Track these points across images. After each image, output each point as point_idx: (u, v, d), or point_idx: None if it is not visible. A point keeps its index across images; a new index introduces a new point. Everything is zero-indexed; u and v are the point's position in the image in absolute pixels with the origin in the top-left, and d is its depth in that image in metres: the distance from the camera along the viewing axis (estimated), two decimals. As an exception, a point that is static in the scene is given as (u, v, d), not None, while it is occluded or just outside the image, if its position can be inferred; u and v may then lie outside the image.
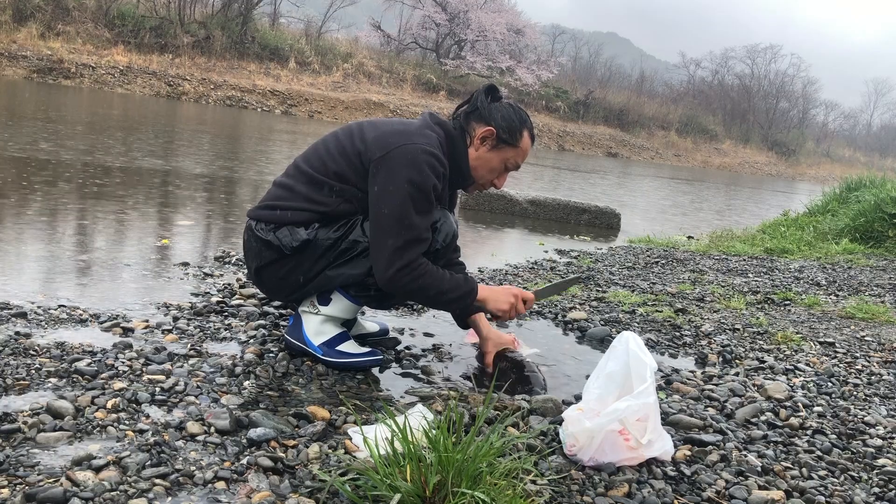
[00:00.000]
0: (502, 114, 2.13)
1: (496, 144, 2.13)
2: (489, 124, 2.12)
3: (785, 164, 39.96)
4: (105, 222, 3.97)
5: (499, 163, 2.16)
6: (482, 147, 2.13)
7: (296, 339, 2.14)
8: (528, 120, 2.18)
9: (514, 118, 2.13)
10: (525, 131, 2.15)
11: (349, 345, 2.15)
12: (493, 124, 2.11)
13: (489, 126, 2.11)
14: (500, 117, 2.12)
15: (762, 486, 1.64)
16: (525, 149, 2.18)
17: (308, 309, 2.14)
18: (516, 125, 2.13)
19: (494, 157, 2.15)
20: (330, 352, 2.10)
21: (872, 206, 6.98)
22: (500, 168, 2.18)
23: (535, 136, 2.22)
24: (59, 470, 1.37)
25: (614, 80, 42.49)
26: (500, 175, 2.21)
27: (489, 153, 2.14)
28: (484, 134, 2.12)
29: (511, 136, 2.13)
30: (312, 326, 2.13)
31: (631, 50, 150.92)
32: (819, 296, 4.11)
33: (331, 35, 30.40)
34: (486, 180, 2.21)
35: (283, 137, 12.75)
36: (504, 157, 2.16)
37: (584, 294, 3.55)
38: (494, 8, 32.85)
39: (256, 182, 6.61)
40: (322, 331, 2.13)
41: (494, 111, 2.13)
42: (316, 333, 2.13)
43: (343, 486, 1.36)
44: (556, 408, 1.94)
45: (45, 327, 2.16)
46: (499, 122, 2.11)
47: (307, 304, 2.14)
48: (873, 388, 2.49)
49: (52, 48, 18.85)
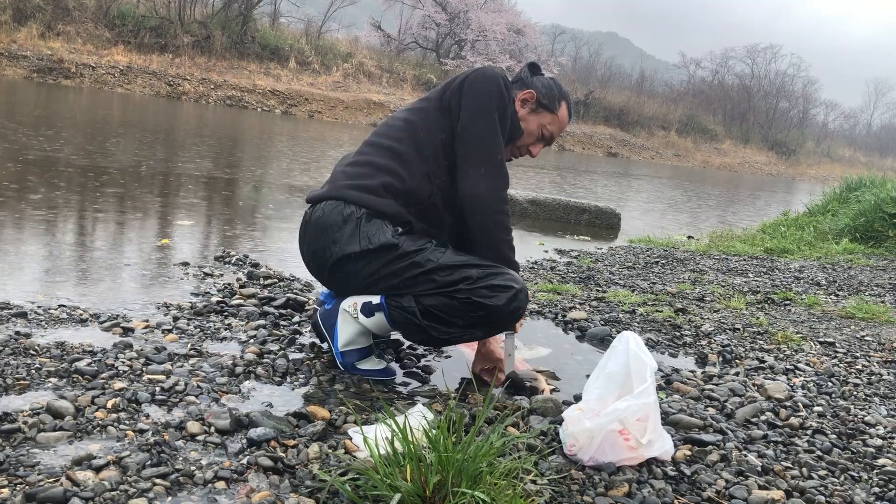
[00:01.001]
0: (543, 83, 2.23)
1: (535, 108, 2.21)
2: (531, 88, 2.20)
3: (785, 164, 39.96)
4: (105, 222, 3.97)
5: (536, 127, 2.22)
6: (522, 109, 2.21)
7: (326, 329, 2.10)
8: (568, 95, 2.27)
9: (554, 88, 2.23)
10: (564, 102, 2.24)
11: (369, 361, 2.11)
12: (534, 89, 2.20)
13: (530, 89, 2.20)
14: (541, 85, 2.22)
15: (762, 486, 1.64)
16: (563, 119, 2.25)
17: (349, 310, 2.05)
18: (556, 94, 2.22)
19: (533, 120, 2.21)
20: (348, 364, 2.08)
21: (872, 206, 6.98)
22: (537, 133, 2.23)
23: (572, 111, 2.31)
24: (60, 470, 1.37)
25: (614, 80, 42.46)
26: (536, 142, 2.26)
27: (529, 115, 2.21)
28: (525, 96, 2.20)
29: (550, 102, 2.21)
30: (346, 331, 2.06)
31: (631, 50, 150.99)
32: (819, 296, 4.11)
33: (331, 35, 30.40)
34: (523, 143, 2.25)
35: (283, 139, 12.75)
36: (542, 123, 2.22)
37: (584, 294, 3.55)
38: (494, 8, 32.86)
39: (256, 182, 6.61)
40: (352, 340, 2.07)
41: (536, 80, 2.23)
42: (346, 335, 2.06)
43: (343, 486, 1.36)
44: (556, 408, 1.94)
45: (45, 327, 2.16)
46: (539, 88, 2.21)
47: (350, 305, 2.05)
48: (873, 388, 2.49)
49: (52, 48, 18.85)
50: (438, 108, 2.10)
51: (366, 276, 2.00)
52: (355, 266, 2.00)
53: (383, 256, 1.97)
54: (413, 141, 2.08)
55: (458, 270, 1.95)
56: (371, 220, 2.00)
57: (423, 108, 2.13)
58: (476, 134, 2.04)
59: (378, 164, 2.07)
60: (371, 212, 2.01)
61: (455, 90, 2.08)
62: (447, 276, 1.94)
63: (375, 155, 2.09)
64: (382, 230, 1.99)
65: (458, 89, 2.08)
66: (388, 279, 1.98)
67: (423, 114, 2.11)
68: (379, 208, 2.01)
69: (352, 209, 2.01)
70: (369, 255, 1.97)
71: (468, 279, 1.94)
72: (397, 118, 2.17)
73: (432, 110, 2.11)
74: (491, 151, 2.04)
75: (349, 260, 2.00)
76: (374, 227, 1.99)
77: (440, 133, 2.08)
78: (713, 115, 41.88)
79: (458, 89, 2.08)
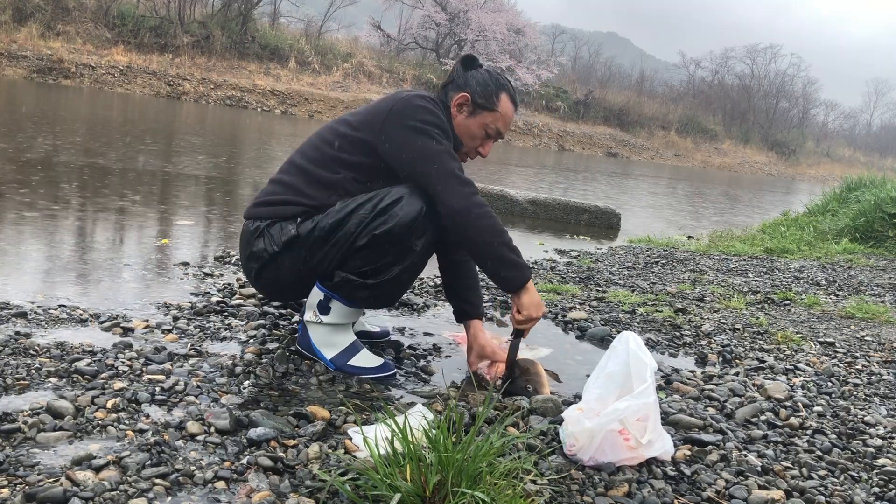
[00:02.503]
0: (477, 80, 2.11)
1: (473, 110, 2.10)
2: (464, 90, 2.10)
3: (785, 164, 39.97)
4: (105, 222, 3.97)
5: (478, 128, 2.12)
6: (460, 115, 2.11)
7: (306, 350, 2.13)
8: (507, 84, 2.14)
9: (489, 82, 2.10)
10: (503, 94, 2.11)
11: (361, 357, 2.11)
12: (467, 90, 2.10)
13: (464, 92, 2.10)
14: (474, 83, 2.10)
15: (762, 486, 1.64)
16: (505, 113, 2.13)
17: (311, 319, 2.09)
18: (492, 89, 2.10)
19: (472, 123, 2.11)
20: (343, 366, 2.08)
21: (872, 205, 6.98)
22: (481, 134, 2.14)
23: (517, 100, 2.18)
24: (59, 470, 1.37)
25: (614, 79, 42.49)
26: (484, 142, 2.17)
27: (467, 119, 2.11)
28: (459, 101, 2.10)
29: (487, 101, 2.10)
30: (320, 337, 2.10)
31: (631, 50, 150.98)
32: (819, 296, 4.11)
33: (331, 35, 30.41)
34: (470, 148, 2.16)
35: (283, 139, 12.75)
36: (483, 123, 2.12)
37: (584, 294, 3.55)
38: (494, 8, 32.86)
39: (256, 182, 6.61)
40: (332, 342, 2.09)
41: (469, 78, 2.12)
42: (326, 345, 2.09)
43: (343, 486, 1.36)
44: (556, 408, 1.94)
45: (45, 327, 2.16)
46: (473, 88, 2.10)
47: (309, 314, 2.09)
48: (873, 387, 2.50)
49: (52, 48, 18.86)
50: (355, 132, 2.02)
51: (286, 275, 2.03)
52: (272, 272, 2.04)
53: (290, 252, 1.99)
54: (321, 161, 2.04)
55: (348, 220, 1.94)
56: (273, 224, 2.02)
57: (341, 132, 2.05)
58: (420, 157, 1.93)
59: (287, 183, 2.06)
60: (273, 220, 2.03)
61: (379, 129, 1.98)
62: (343, 232, 1.94)
63: (288, 174, 2.08)
64: (284, 229, 2.00)
65: (381, 127, 1.98)
66: (305, 267, 2.00)
67: (338, 136, 2.05)
68: (281, 215, 2.03)
69: (257, 223, 2.05)
70: (278, 257, 2.00)
71: (361, 221, 1.93)
72: (319, 134, 2.12)
73: (349, 132, 2.03)
74: (441, 165, 1.93)
75: (264, 268, 2.04)
76: (276, 230, 2.01)
77: (350, 155, 2.02)
78: (713, 115, 41.89)
79: (381, 127, 1.98)
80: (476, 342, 2.23)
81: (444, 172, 1.93)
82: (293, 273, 2.03)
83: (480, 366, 2.23)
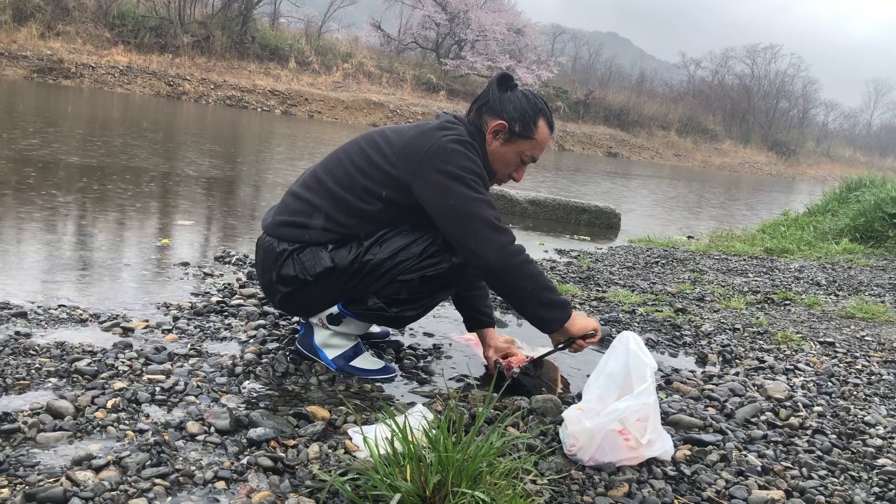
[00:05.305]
0: (514, 105, 2.02)
1: (509, 138, 2.03)
2: (501, 117, 2.02)
3: (785, 164, 39.95)
4: (105, 222, 3.97)
5: (514, 156, 2.06)
6: (495, 142, 2.04)
7: (307, 350, 2.13)
8: (544, 108, 2.06)
9: (527, 108, 2.02)
10: (541, 120, 2.04)
11: (363, 359, 2.11)
12: (504, 117, 2.02)
13: (501, 119, 2.02)
14: (511, 109, 2.02)
15: (762, 486, 1.64)
16: (542, 140, 2.06)
17: (318, 324, 2.09)
18: (530, 115, 2.02)
19: (508, 151, 2.05)
20: (344, 366, 2.08)
21: (872, 205, 6.98)
22: (516, 161, 2.08)
23: (553, 123, 2.09)
24: (59, 470, 1.37)
25: (614, 79, 42.45)
26: (518, 168, 2.11)
27: (503, 147, 2.04)
28: (496, 128, 2.02)
29: (525, 129, 2.02)
30: (323, 338, 2.10)
31: (631, 50, 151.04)
32: (819, 296, 4.11)
33: (331, 35, 30.39)
34: (504, 174, 2.11)
35: (283, 139, 12.74)
36: (519, 151, 2.05)
37: (584, 294, 3.54)
38: (494, 8, 32.85)
39: (256, 182, 6.61)
40: (334, 343, 2.09)
41: (506, 102, 2.02)
42: (328, 346, 2.09)
43: (343, 486, 1.36)
44: (556, 408, 1.94)
45: (45, 327, 2.16)
46: (511, 115, 2.01)
47: (316, 320, 2.08)
48: (873, 387, 2.49)
49: (52, 48, 18.85)
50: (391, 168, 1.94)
51: (317, 300, 2.02)
52: (301, 297, 2.01)
53: (325, 281, 1.96)
54: (352, 188, 1.97)
55: (399, 255, 1.94)
56: (304, 250, 1.97)
57: (374, 161, 1.97)
58: (456, 205, 1.86)
59: (315, 204, 1.99)
60: (303, 245, 1.98)
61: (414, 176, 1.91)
62: (391, 266, 1.94)
63: (316, 193, 2.01)
64: (318, 257, 1.95)
65: (416, 174, 1.91)
66: (340, 294, 1.99)
67: (372, 166, 1.97)
68: (313, 241, 1.98)
69: (284, 246, 1.99)
70: (311, 285, 1.97)
71: (411, 258, 1.93)
72: (349, 154, 2.04)
73: (383, 165, 1.95)
74: (477, 215, 1.86)
75: (294, 293, 2.00)
76: (309, 257, 1.96)
77: (384, 189, 1.95)
78: (713, 115, 41.86)
79: (416, 174, 1.91)
80: (493, 342, 2.30)
81: (480, 223, 1.86)
82: (325, 298, 2.01)
83: (498, 357, 2.27)
